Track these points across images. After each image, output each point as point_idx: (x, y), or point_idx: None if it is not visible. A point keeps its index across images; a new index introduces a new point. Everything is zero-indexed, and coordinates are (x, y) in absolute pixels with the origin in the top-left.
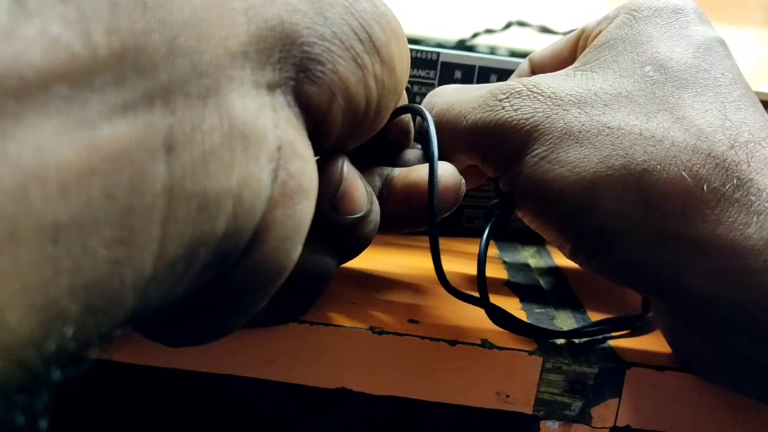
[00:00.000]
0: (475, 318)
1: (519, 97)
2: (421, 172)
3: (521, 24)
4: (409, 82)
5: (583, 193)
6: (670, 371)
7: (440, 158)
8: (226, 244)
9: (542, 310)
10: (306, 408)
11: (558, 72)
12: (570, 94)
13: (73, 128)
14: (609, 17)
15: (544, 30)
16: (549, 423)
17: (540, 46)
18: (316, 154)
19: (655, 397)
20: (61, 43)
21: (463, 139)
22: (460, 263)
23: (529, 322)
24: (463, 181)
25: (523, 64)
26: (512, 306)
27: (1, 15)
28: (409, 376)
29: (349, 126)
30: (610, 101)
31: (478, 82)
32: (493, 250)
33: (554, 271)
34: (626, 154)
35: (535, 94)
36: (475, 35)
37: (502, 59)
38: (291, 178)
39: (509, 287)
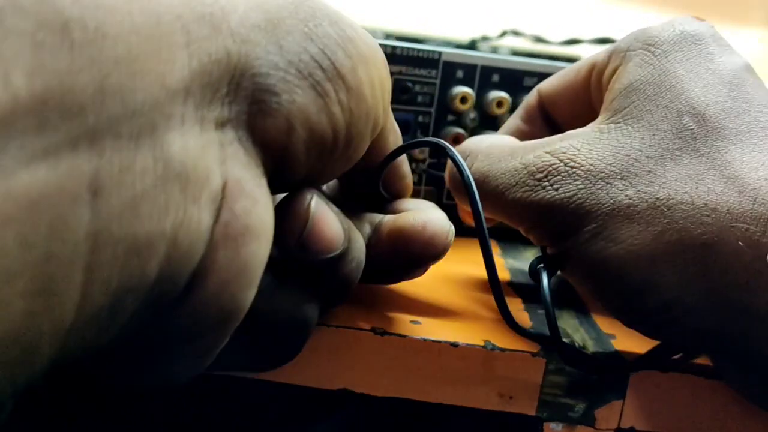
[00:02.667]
0: (478, 319)
1: (557, 175)
2: (408, 218)
3: (516, 33)
4: (411, 81)
5: (641, 272)
6: (675, 372)
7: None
8: (160, 289)
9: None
10: (308, 409)
11: (589, 129)
12: (610, 164)
13: None
14: (621, 50)
15: (538, 39)
16: (552, 425)
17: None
18: (285, 191)
19: (659, 398)
20: None
21: (504, 213)
22: (467, 266)
23: (600, 359)
24: (452, 228)
25: (532, 97)
26: (515, 307)
27: None
28: (411, 377)
29: (317, 158)
30: (654, 167)
31: (481, 81)
32: (495, 250)
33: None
34: (681, 227)
35: (573, 169)
36: (472, 42)
37: (504, 58)
38: (235, 218)
39: (512, 288)
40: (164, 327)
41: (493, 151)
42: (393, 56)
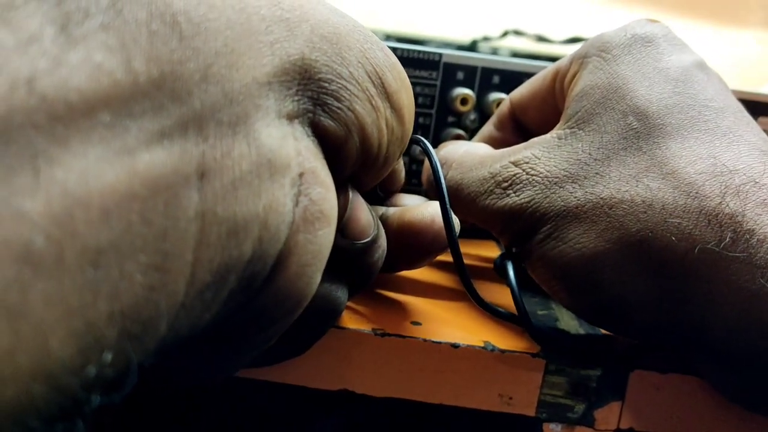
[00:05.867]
0: (478, 320)
1: (519, 183)
2: (416, 211)
3: (517, 33)
4: (411, 83)
5: (586, 269)
6: (674, 373)
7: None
8: (252, 269)
9: (545, 312)
10: (308, 410)
11: (549, 137)
12: (564, 169)
13: (115, 155)
14: (579, 56)
15: (540, 39)
16: (552, 425)
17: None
18: None
19: (658, 399)
20: (104, 70)
21: (477, 218)
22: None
23: (577, 334)
24: (458, 222)
25: (504, 104)
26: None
27: (48, 43)
28: (412, 378)
29: (360, 167)
30: (601, 169)
31: (481, 83)
32: (495, 252)
33: None
34: (620, 225)
35: (533, 176)
36: (473, 42)
37: (504, 60)
38: (312, 203)
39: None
40: (247, 311)
41: (466, 160)
42: None
